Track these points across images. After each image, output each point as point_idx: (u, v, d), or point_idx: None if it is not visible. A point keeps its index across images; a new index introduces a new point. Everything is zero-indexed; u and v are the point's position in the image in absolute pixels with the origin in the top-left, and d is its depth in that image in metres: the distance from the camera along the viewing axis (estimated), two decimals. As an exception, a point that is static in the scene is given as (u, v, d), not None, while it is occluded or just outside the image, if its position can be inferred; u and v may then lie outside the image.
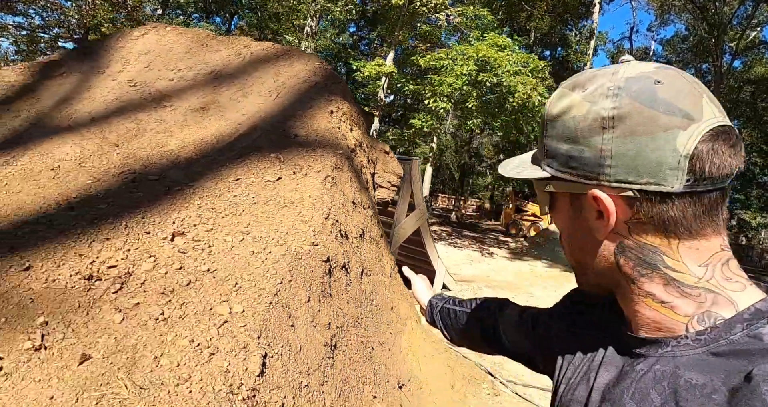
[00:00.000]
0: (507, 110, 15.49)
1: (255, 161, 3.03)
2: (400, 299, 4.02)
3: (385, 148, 5.32)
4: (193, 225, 2.28)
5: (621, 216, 0.66)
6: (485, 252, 19.03)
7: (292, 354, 1.77)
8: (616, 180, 0.64)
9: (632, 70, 0.66)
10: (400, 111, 32.27)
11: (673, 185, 0.61)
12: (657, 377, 0.64)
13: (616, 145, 0.63)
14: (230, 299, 1.80)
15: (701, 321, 0.64)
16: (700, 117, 0.61)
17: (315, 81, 4.29)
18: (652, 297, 0.67)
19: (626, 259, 0.68)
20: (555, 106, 0.71)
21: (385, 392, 2.63)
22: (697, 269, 0.64)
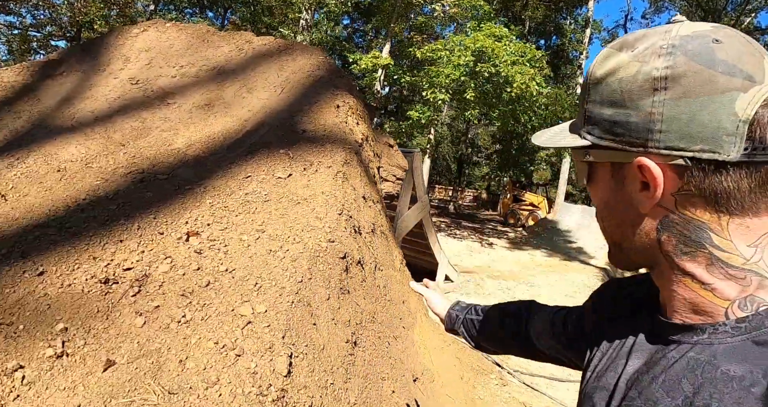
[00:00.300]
0: (505, 100, 15.42)
1: (264, 158, 3.00)
2: (410, 292, 4.01)
3: (389, 141, 5.29)
4: (206, 225, 2.25)
5: (669, 188, 0.61)
6: (485, 243, 19.06)
7: (316, 352, 1.75)
8: (667, 146, 0.59)
9: (687, 29, 0.60)
10: (396, 103, 32.17)
11: (730, 153, 0.56)
12: (690, 365, 0.60)
13: (668, 108, 0.58)
14: (251, 299, 1.78)
15: (743, 307, 0.59)
16: (762, 79, 0.56)
17: (320, 75, 4.24)
18: (692, 277, 0.63)
19: (669, 235, 0.63)
20: (600, 67, 0.66)
21: (402, 386, 2.62)
22: (746, 249, 0.60)
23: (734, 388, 0.54)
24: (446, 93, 15.26)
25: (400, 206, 7.70)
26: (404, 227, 7.85)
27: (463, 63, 14.81)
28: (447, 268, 9.49)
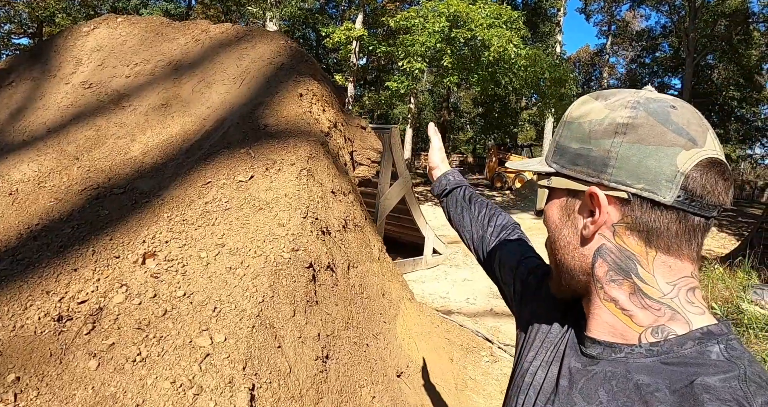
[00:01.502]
0: (483, 64, 15.20)
1: (225, 160, 2.89)
2: (390, 280, 3.97)
3: (361, 123, 5.15)
4: (164, 242, 2.16)
5: (610, 218, 0.71)
6: (472, 209, 19.04)
7: (281, 378, 1.69)
8: (616, 181, 0.69)
9: (653, 94, 0.73)
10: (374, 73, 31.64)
11: (665, 196, 0.66)
12: (607, 377, 0.70)
13: (624, 149, 0.69)
14: (210, 326, 1.71)
15: (655, 333, 0.69)
16: (702, 144, 0.67)
17: (281, 62, 4.08)
18: (615, 303, 0.73)
19: (603, 262, 0.73)
20: (576, 110, 0.77)
21: (383, 387, 2.59)
22: (664, 285, 0.70)
23: (641, 394, 0.64)
24: (423, 62, 14.99)
25: (381, 185, 7.61)
26: (387, 205, 7.78)
27: (438, 30, 14.51)
28: (434, 241, 9.47)
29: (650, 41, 38.93)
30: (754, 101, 35.97)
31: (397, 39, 16.85)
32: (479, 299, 7.84)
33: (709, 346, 0.65)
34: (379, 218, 7.61)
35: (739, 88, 34.34)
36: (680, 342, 0.67)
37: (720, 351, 0.65)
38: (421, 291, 7.70)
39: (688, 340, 0.67)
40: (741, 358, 0.64)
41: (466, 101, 41.02)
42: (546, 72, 16.07)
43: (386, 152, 7.45)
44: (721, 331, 0.67)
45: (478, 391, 4.35)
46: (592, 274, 0.75)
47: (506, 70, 15.81)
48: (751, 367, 0.62)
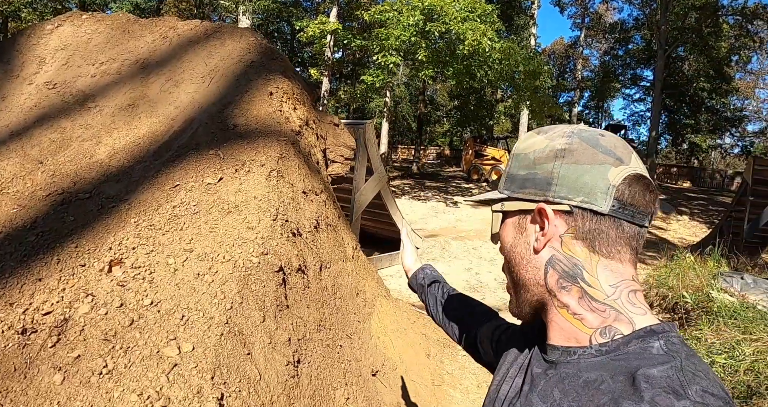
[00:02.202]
0: (458, 57, 15.22)
1: (193, 162, 2.85)
2: (365, 278, 3.97)
3: (334, 120, 5.12)
4: (131, 249, 2.12)
5: (557, 229, 0.80)
6: (449, 202, 19.18)
7: (251, 386, 1.68)
8: (559, 196, 0.79)
9: (585, 127, 0.85)
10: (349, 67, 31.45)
11: (602, 206, 0.77)
12: (561, 378, 0.77)
13: (563, 169, 0.79)
14: (178, 335, 1.69)
15: (603, 334, 0.76)
16: (628, 162, 0.79)
17: (250, 60, 4.03)
18: (567, 308, 0.80)
19: (553, 271, 0.81)
20: (522, 144, 0.89)
21: (358, 388, 2.60)
22: (607, 287, 0.78)
23: (588, 389, 0.70)
24: (398, 56, 14.95)
25: (356, 181, 7.60)
26: (362, 201, 7.77)
27: (413, 23, 14.47)
28: (410, 236, 9.51)
29: (623, 34, 39.40)
30: (723, 92, 36.75)
31: (372, 33, 16.77)
32: (456, 292, 7.90)
33: (651, 342, 0.72)
34: (354, 214, 7.61)
35: (709, 80, 35.06)
36: (626, 340, 0.74)
37: (660, 345, 0.71)
38: (398, 286, 7.73)
39: (633, 338, 0.74)
40: (678, 352, 0.70)
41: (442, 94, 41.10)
42: (521, 65, 16.16)
43: (360, 148, 7.43)
44: (662, 330, 0.74)
45: (455, 386, 4.40)
46: (545, 284, 0.83)
47: (481, 63, 15.86)
48: (687, 360, 0.68)
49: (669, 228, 18.52)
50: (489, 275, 9.22)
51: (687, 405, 0.60)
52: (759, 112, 47.44)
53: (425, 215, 16.52)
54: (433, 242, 11.46)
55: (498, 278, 9.07)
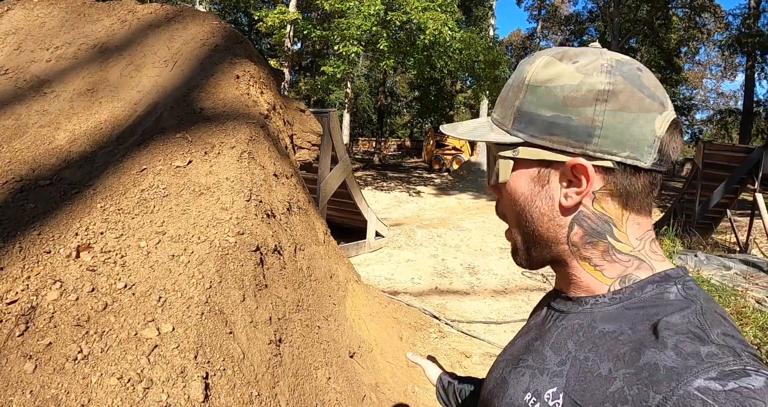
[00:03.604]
0: (419, 48, 15.23)
1: (160, 146, 2.76)
2: (337, 263, 3.94)
3: (300, 106, 5.05)
4: (99, 234, 2.04)
5: (594, 186, 0.71)
6: (412, 192, 19.27)
7: (236, 365, 1.64)
8: (602, 150, 0.69)
9: (618, 56, 0.72)
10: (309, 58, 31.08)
11: (647, 161, 0.69)
12: (575, 329, 0.73)
13: (609, 117, 0.68)
14: (156, 317, 1.63)
15: (622, 282, 0.73)
16: (668, 107, 0.70)
17: (215, 43, 3.92)
18: (588, 261, 0.75)
19: (579, 228, 0.74)
20: (541, 73, 0.73)
21: (338, 368, 2.58)
22: (634, 240, 0.73)
23: (606, 340, 0.67)
24: (359, 45, 14.86)
25: (321, 169, 7.53)
26: (328, 190, 7.71)
27: (374, 13, 14.39)
28: (377, 225, 9.50)
29: (578, 25, 40.35)
30: (673, 82, 38.15)
31: (332, 23, 16.61)
32: (424, 278, 7.95)
33: (668, 288, 0.69)
34: (321, 202, 7.54)
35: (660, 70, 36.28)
36: (640, 286, 0.71)
37: (678, 291, 0.69)
38: (367, 274, 7.73)
39: (648, 284, 0.71)
40: (697, 296, 0.68)
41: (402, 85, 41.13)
42: (480, 55, 16.31)
43: (325, 136, 7.36)
44: (677, 274, 0.72)
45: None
46: (568, 242, 0.76)
47: (441, 53, 15.94)
48: (707, 303, 0.67)
49: (625, 213, 19.05)
50: (455, 261, 9.31)
51: (713, 350, 0.58)
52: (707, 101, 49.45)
53: (389, 205, 16.56)
54: (399, 231, 11.49)
55: (463, 263, 9.17)
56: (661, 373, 0.58)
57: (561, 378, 0.70)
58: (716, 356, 0.57)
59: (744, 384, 0.54)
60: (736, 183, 12.00)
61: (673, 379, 0.57)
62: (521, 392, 0.76)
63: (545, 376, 0.73)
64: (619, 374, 0.63)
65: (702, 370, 0.56)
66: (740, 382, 0.54)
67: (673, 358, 0.59)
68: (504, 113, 0.78)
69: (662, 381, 0.58)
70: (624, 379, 0.62)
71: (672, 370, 0.58)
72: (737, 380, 0.54)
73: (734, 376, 0.55)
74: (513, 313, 6.66)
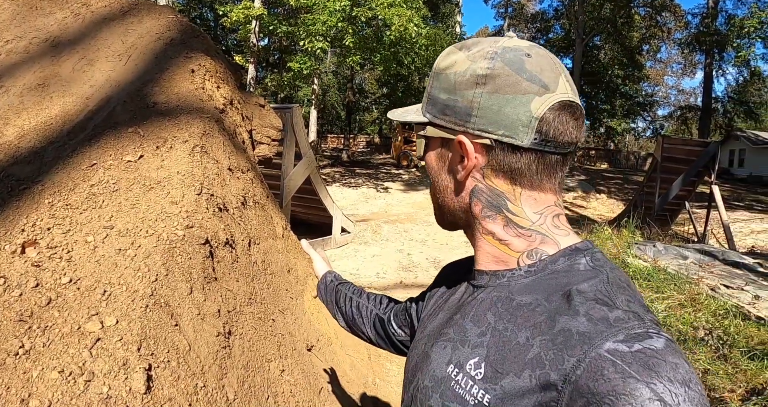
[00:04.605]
0: (385, 44, 15.26)
1: (111, 140, 2.73)
2: (296, 258, 3.95)
3: (260, 101, 5.02)
4: (46, 229, 2.01)
5: (479, 162, 0.78)
6: (380, 188, 19.33)
7: (180, 356, 1.65)
8: (479, 129, 0.76)
9: (510, 42, 0.78)
10: (276, 54, 30.79)
11: (523, 140, 0.74)
12: (493, 301, 0.78)
13: (484, 99, 0.75)
14: (100, 311, 1.62)
15: (530, 256, 0.78)
16: (554, 90, 0.74)
17: (170, 37, 3.88)
18: (492, 235, 0.81)
19: (477, 201, 0.81)
20: (443, 61, 0.82)
21: (294, 361, 2.60)
22: (532, 215, 0.78)
23: (524, 311, 0.72)
24: (325, 41, 14.80)
25: (284, 165, 7.51)
26: (292, 186, 7.70)
27: (339, 8, 14.35)
28: (342, 220, 9.52)
29: (544, 23, 40.98)
30: (635, 79, 39.13)
31: (298, 18, 16.50)
32: (389, 273, 8.01)
33: (578, 259, 0.75)
34: (284, 199, 7.52)
35: (622, 67, 37.15)
36: (553, 260, 0.76)
37: (586, 262, 0.75)
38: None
39: (560, 257, 0.76)
40: (604, 266, 0.74)
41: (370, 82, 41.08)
42: (446, 51, 16.40)
43: (288, 132, 7.34)
44: (586, 247, 0.78)
45: (391, 359, 4.48)
46: (470, 211, 0.83)
47: (408, 49, 16.00)
48: (612, 272, 0.73)
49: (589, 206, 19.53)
50: (420, 255, 9.40)
51: (619, 315, 0.64)
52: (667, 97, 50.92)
53: (356, 201, 16.58)
54: (365, 226, 11.53)
55: (429, 257, 9.27)
56: (574, 338, 0.63)
57: (482, 349, 0.74)
58: (623, 320, 0.63)
59: (647, 345, 0.59)
60: (693, 176, 12.43)
61: (585, 343, 0.61)
62: (444, 364, 0.79)
63: (466, 348, 0.76)
64: (536, 341, 0.67)
65: (611, 334, 0.61)
66: (644, 344, 0.59)
67: (585, 324, 0.64)
68: (424, 98, 0.88)
69: (576, 346, 0.62)
70: (541, 345, 0.66)
71: (584, 335, 0.62)
72: (641, 342, 0.59)
73: (639, 338, 0.60)
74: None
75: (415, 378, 0.88)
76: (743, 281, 7.94)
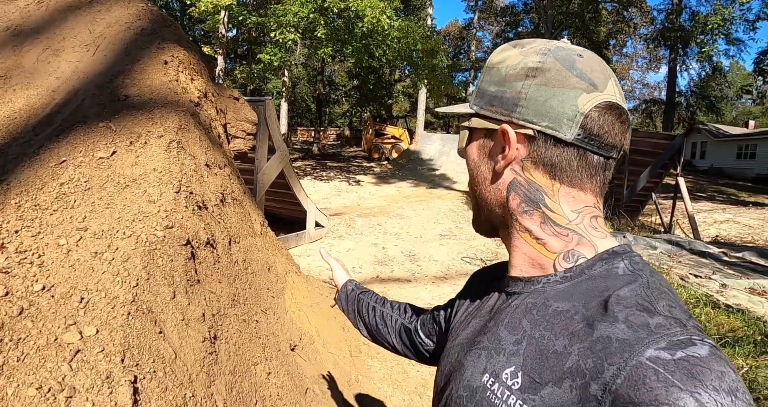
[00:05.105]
0: (357, 36, 15.11)
1: (81, 135, 2.59)
2: (275, 254, 3.86)
3: (234, 94, 4.88)
4: (14, 232, 1.88)
5: (519, 153, 0.77)
6: (352, 181, 19.24)
7: (167, 365, 1.56)
8: (524, 119, 0.76)
9: (565, 44, 0.80)
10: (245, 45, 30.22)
11: (566, 134, 0.74)
12: (528, 308, 0.75)
13: (532, 90, 0.75)
14: (78, 320, 1.52)
15: (567, 259, 0.76)
16: (603, 89, 0.74)
17: (141, 27, 3.71)
18: (529, 233, 0.79)
19: (515, 194, 0.79)
20: (496, 56, 0.83)
21: (279, 362, 2.52)
22: (569, 212, 0.77)
23: (561, 319, 0.69)
24: (296, 33, 14.57)
25: (258, 160, 7.36)
26: (266, 181, 7.55)
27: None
28: (316, 215, 9.41)
29: (513, 17, 41.34)
30: (602, 73, 39.90)
31: (268, 9, 16.19)
32: (365, 267, 7.96)
33: (616, 263, 0.73)
34: (258, 193, 7.38)
35: (589, 61, 37.77)
36: (590, 264, 0.74)
37: (625, 266, 0.72)
38: (307, 265, 7.65)
39: (597, 261, 0.74)
40: (643, 270, 0.72)
41: (340, 74, 40.78)
42: (418, 44, 16.37)
43: (261, 125, 7.18)
44: (624, 250, 0.76)
45: (372, 355, 4.44)
46: (507, 206, 0.81)
47: (380, 41, 15.88)
48: (652, 277, 0.70)
49: (558, 199, 19.80)
50: (395, 249, 9.37)
51: (660, 321, 0.61)
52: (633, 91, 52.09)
53: (328, 194, 16.45)
54: (339, 220, 11.44)
55: (404, 251, 9.25)
56: (614, 345, 0.61)
57: (518, 357, 0.71)
58: (664, 327, 0.60)
59: (691, 352, 0.56)
60: (660, 168, 12.70)
61: (625, 350, 0.59)
62: (479, 373, 0.77)
63: (502, 356, 0.74)
64: (574, 349, 0.65)
65: (652, 341, 0.58)
66: (687, 351, 0.56)
67: (625, 330, 0.61)
68: (473, 93, 0.87)
69: (616, 353, 0.60)
70: (579, 354, 0.64)
71: (624, 342, 0.60)
72: (684, 349, 0.57)
73: (682, 345, 0.57)
74: (459, 281, 6.78)
75: (448, 388, 0.84)
76: (710, 270, 8.16)
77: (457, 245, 10.24)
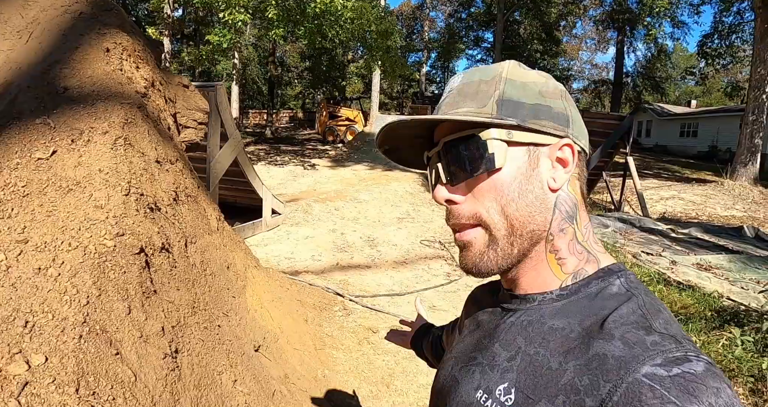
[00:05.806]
0: (309, 16, 14.74)
1: (16, 134, 2.38)
2: (233, 250, 3.73)
3: (183, 81, 4.64)
4: (-58, 246, 1.71)
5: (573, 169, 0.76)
6: (307, 165, 19.00)
7: (126, 390, 1.45)
8: (574, 135, 0.77)
9: None
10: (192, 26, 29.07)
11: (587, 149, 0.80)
12: (524, 325, 0.74)
13: (572, 110, 0.79)
14: (24, 347, 1.38)
15: (574, 278, 0.75)
16: None
17: (79, 11, 3.45)
18: (555, 253, 0.76)
19: (559, 211, 0.76)
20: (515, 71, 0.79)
21: (244, 367, 2.43)
22: (584, 228, 0.78)
23: (557, 336, 0.69)
24: (246, 13, 14.08)
25: (210, 148, 7.10)
26: (219, 169, 7.31)
27: (259, -23, 13.66)
28: (272, 202, 9.21)
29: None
30: (553, 54, 40.67)
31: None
32: (324, 254, 7.86)
33: (612, 281, 0.73)
34: (212, 183, 7.14)
35: (541, 42, 38.40)
36: (587, 282, 0.74)
37: (621, 284, 0.72)
38: (265, 255, 7.49)
39: (593, 279, 0.74)
40: (638, 288, 0.72)
41: (292, 55, 39.92)
42: (372, 25, 16.12)
43: (213, 112, 6.92)
44: (619, 268, 0.76)
45: (336, 347, 4.38)
46: (549, 226, 0.76)
47: (333, 22, 15.55)
48: (646, 296, 0.70)
49: (512, 179, 20.11)
50: (354, 234, 9.31)
51: (656, 339, 0.61)
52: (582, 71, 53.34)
53: (284, 179, 16.18)
54: (295, 206, 11.26)
55: (363, 236, 9.19)
56: (610, 362, 0.61)
57: (511, 373, 0.71)
58: (660, 344, 0.61)
59: (687, 369, 0.57)
60: (610, 148, 13.04)
61: (621, 367, 0.59)
62: (472, 390, 0.76)
63: (495, 372, 0.74)
64: (570, 366, 0.64)
65: (648, 358, 0.59)
66: (683, 367, 0.57)
67: (621, 348, 0.61)
68: (482, 104, 0.76)
69: (611, 370, 0.60)
70: (575, 371, 0.63)
71: (620, 359, 0.60)
72: (680, 365, 0.57)
73: (678, 362, 0.58)
74: (415, 283, 6.79)
75: (442, 404, 0.84)
76: (660, 247, 8.46)
77: (415, 228, 10.25)
